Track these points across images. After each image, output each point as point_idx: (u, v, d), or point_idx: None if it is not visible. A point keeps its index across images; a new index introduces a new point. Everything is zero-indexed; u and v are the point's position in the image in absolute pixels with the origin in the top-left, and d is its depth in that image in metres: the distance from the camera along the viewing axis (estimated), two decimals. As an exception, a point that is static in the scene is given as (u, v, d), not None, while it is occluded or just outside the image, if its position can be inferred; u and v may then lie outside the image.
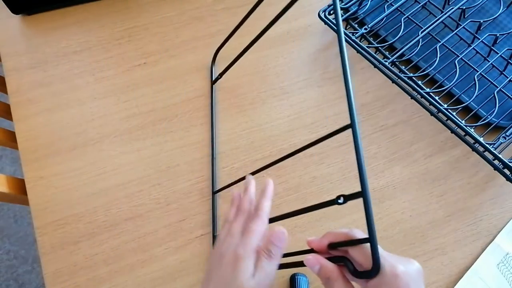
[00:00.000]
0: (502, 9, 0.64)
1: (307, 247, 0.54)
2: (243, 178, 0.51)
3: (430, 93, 0.56)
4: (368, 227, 0.31)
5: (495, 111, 0.55)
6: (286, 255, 0.42)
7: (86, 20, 0.67)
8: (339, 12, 0.34)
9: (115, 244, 0.53)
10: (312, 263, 0.35)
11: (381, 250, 0.32)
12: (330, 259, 0.36)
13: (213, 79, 0.62)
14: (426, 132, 0.61)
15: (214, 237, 0.54)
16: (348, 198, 0.33)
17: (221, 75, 0.60)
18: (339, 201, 0.33)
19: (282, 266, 0.40)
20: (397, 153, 0.60)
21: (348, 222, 0.55)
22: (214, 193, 0.56)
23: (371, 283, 0.32)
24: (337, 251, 0.36)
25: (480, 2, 0.64)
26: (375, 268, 0.31)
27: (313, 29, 0.67)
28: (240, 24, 0.53)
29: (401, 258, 0.33)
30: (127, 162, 0.58)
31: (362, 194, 0.31)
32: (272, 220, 0.41)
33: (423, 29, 0.60)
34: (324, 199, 0.56)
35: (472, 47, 0.61)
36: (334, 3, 0.35)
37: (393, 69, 0.58)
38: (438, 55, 0.58)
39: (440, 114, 0.56)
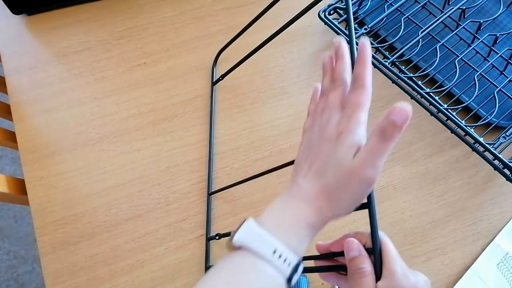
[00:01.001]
0: (502, 9, 0.64)
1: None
2: (240, 182, 0.50)
3: (430, 93, 0.56)
4: (372, 239, 0.31)
5: (495, 111, 0.55)
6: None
7: (86, 20, 0.67)
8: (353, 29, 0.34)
9: (115, 244, 0.53)
10: (353, 247, 0.32)
11: (396, 256, 0.32)
12: (331, 267, 0.36)
13: (214, 80, 0.62)
14: (426, 132, 0.61)
15: (208, 239, 0.54)
16: (355, 208, 0.32)
17: (222, 77, 0.60)
18: None
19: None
20: (397, 153, 0.60)
21: (348, 222, 0.55)
22: (209, 194, 0.56)
23: (380, 285, 0.31)
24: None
25: (480, 2, 0.64)
26: (376, 277, 0.31)
27: (313, 29, 0.67)
28: (247, 28, 0.53)
29: (413, 270, 0.33)
30: (127, 162, 0.58)
31: (368, 205, 0.31)
32: None
33: (423, 29, 0.60)
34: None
35: (472, 47, 0.61)
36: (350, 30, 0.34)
37: (393, 69, 0.58)
38: (438, 55, 0.58)
39: (440, 114, 0.56)
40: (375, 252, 0.31)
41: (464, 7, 0.62)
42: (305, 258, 0.39)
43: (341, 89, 0.33)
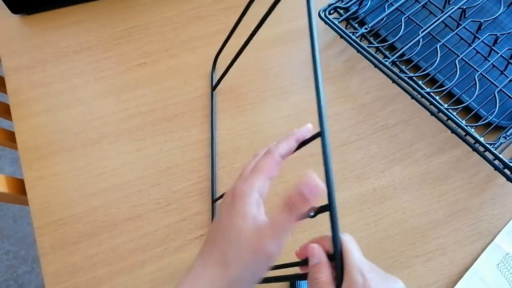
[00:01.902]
0: (503, 9, 0.64)
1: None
2: None
3: (431, 93, 0.56)
4: (333, 242, 0.29)
5: (496, 111, 0.55)
6: (284, 265, 0.40)
7: (86, 20, 0.67)
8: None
9: (114, 244, 0.53)
10: (313, 254, 0.31)
11: (360, 263, 0.30)
12: (302, 275, 0.34)
13: (213, 85, 0.62)
14: (426, 132, 0.61)
15: None
16: (317, 211, 0.31)
17: (218, 81, 0.60)
18: (311, 214, 0.31)
19: (279, 279, 0.38)
20: (397, 153, 0.60)
21: (348, 222, 0.55)
22: (214, 201, 0.55)
23: None
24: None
25: (481, 2, 0.64)
26: (338, 286, 0.30)
27: (313, 29, 0.67)
28: (234, 29, 0.53)
29: (385, 276, 0.31)
30: (127, 162, 0.58)
31: (329, 207, 0.29)
32: None
33: (423, 29, 0.60)
34: (324, 199, 0.56)
35: (472, 47, 0.61)
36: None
37: (393, 69, 0.57)
38: (439, 55, 0.58)
39: (440, 114, 0.56)
40: (336, 258, 0.29)
41: (464, 7, 0.62)
42: (294, 265, 0.37)
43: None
